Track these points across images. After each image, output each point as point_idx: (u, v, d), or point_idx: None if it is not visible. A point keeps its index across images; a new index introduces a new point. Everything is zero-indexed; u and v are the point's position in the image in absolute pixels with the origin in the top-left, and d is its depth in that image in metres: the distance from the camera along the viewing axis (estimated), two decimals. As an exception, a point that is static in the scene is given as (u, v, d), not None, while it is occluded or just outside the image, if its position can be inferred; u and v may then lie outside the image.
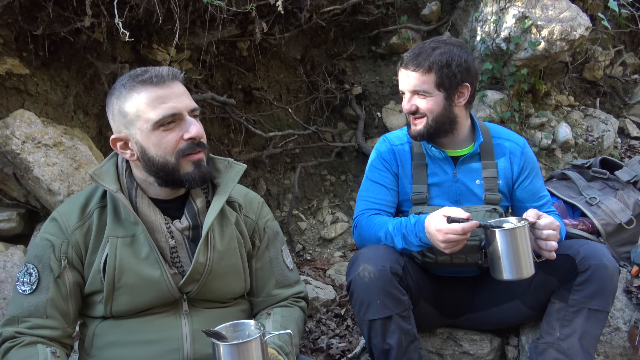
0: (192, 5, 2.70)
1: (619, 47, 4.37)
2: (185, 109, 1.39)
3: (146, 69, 1.40)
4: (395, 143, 2.00)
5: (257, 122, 3.48)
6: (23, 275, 1.43)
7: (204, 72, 3.17)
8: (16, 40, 2.54)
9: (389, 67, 3.70)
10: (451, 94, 1.82)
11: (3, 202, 2.58)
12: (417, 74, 1.81)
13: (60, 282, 1.42)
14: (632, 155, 3.82)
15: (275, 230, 1.68)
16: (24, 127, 2.39)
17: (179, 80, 1.42)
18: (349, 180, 3.76)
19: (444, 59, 1.79)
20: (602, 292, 1.70)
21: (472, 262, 1.82)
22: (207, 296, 1.50)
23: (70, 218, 1.45)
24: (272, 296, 1.63)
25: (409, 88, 1.84)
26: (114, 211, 1.45)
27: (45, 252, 1.43)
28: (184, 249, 1.46)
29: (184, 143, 1.38)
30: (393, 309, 1.67)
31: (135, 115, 1.38)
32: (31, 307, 1.40)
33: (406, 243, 1.73)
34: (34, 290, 1.41)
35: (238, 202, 1.60)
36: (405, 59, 1.84)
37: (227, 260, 1.51)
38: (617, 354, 2.07)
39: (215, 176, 1.54)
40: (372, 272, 1.66)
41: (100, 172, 1.45)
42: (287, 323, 1.55)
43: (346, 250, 3.47)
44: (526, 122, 3.64)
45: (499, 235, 1.54)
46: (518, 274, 1.57)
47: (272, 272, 1.63)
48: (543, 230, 1.62)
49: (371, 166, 2.01)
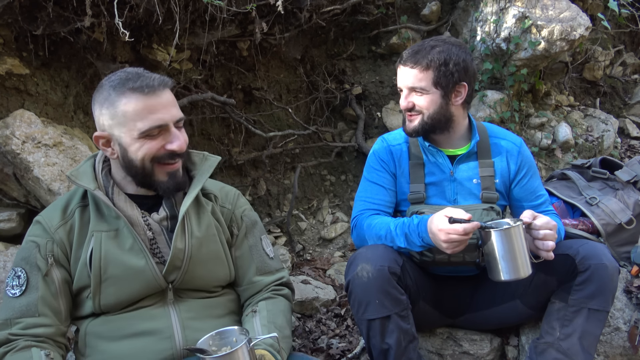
0: (192, 5, 2.70)
1: (619, 47, 4.38)
2: (171, 120, 1.43)
3: (138, 74, 1.43)
4: (392, 143, 2.01)
5: (257, 122, 3.49)
6: (12, 279, 1.46)
7: (204, 72, 3.17)
8: (16, 40, 2.54)
9: (389, 67, 3.70)
10: (448, 92, 1.84)
11: (3, 202, 2.58)
12: (415, 71, 1.82)
13: (48, 279, 1.46)
14: (632, 155, 3.82)
15: (253, 219, 1.72)
16: (24, 127, 2.39)
17: (169, 88, 1.45)
18: (349, 180, 3.76)
19: (442, 58, 1.80)
20: (602, 292, 1.70)
21: (470, 261, 1.82)
22: (191, 284, 1.54)
23: (52, 218, 1.50)
24: (254, 283, 1.65)
25: (407, 85, 1.86)
26: (96, 208, 1.50)
27: (31, 253, 1.47)
28: (163, 239, 1.50)
29: (164, 152, 1.43)
30: (391, 309, 1.67)
31: (123, 120, 1.41)
32: (22, 308, 1.43)
33: (408, 243, 1.73)
34: (24, 291, 1.44)
35: (214, 193, 1.66)
36: (404, 56, 1.85)
37: (206, 246, 1.55)
38: (617, 354, 2.07)
39: (191, 169, 1.60)
40: (370, 271, 1.66)
41: (78, 173, 1.51)
42: (274, 317, 1.57)
43: (346, 250, 3.47)
44: (526, 122, 3.64)
45: (494, 236, 1.55)
46: (515, 274, 1.57)
47: (252, 259, 1.66)
48: (539, 230, 1.63)
49: (369, 166, 2.02)
